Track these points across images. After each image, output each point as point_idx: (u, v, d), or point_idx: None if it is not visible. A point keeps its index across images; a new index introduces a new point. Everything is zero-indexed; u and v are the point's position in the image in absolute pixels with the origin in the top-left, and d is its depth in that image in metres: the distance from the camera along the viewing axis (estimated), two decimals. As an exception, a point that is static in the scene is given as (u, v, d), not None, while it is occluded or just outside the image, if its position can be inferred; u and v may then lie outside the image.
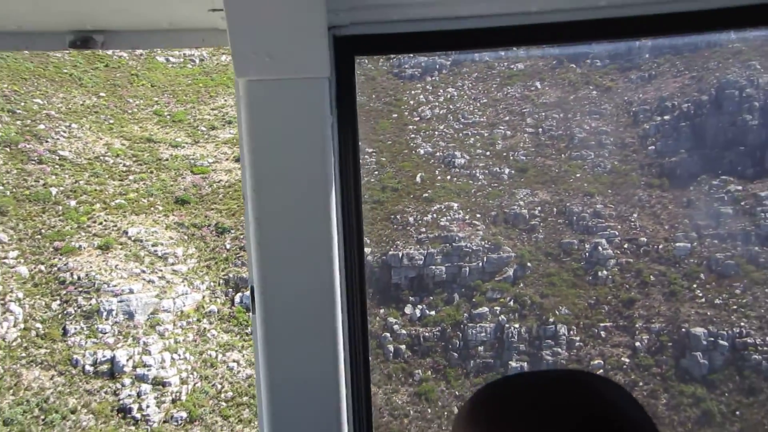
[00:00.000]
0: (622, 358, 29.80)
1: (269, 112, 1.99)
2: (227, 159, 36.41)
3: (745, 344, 28.36)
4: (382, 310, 32.56)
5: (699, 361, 28.43)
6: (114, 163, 34.54)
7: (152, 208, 32.98)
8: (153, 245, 30.82)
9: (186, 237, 32.38)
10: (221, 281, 31.17)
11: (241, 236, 31.89)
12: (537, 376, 1.01)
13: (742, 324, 29.11)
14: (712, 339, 28.79)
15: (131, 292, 28.19)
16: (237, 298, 30.38)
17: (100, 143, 35.36)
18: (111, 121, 37.17)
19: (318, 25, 1.95)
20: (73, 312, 27.07)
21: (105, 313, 27.18)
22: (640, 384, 28.78)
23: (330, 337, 2.03)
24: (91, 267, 28.83)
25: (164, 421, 25.23)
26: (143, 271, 29.45)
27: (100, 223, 31.05)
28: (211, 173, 35.34)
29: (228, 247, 31.79)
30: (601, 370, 29.35)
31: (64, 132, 34.88)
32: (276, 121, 1.99)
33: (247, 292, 2.75)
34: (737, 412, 26.58)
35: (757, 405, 26.60)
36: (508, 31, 2.09)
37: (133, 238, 30.82)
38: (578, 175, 38.27)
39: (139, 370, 25.97)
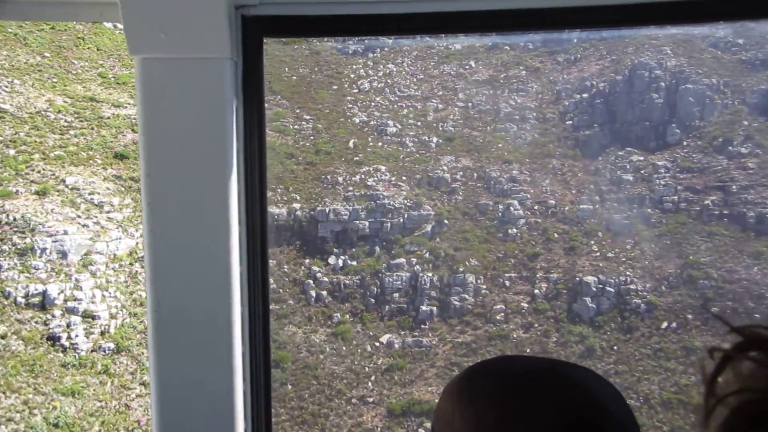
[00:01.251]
0: (522, 304, 33.19)
1: (166, 93, 1.92)
2: (166, 116, 38.90)
3: (628, 290, 31.99)
4: (307, 260, 35.44)
5: (588, 305, 31.95)
6: (55, 119, 36.73)
7: (91, 161, 35.34)
8: (90, 194, 33.18)
9: (123, 189, 34.85)
10: (155, 229, 33.70)
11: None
12: (529, 362, 1.05)
13: (628, 273, 32.77)
14: (601, 286, 32.36)
15: (65, 233, 30.49)
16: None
17: (42, 99, 37.52)
18: (54, 80, 39.34)
19: (220, 4, 1.90)
20: (7, 249, 29.37)
21: (39, 251, 29.43)
22: (536, 325, 32.20)
23: (226, 334, 1.95)
24: (27, 210, 31.10)
25: (92, 350, 27.69)
26: (78, 216, 31.83)
27: (38, 172, 33.26)
28: (149, 128, 37.78)
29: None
30: (502, 314, 32.72)
31: (6, 87, 36.99)
32: (173, 102, 1.93)
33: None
34: (615, 347, 30.16)
35: (632, 340, 30.20)
36: (422, 17, 2.03)
37: (70, 187, 33.09)
38: (500, 145, 41.73)
39: (70, 304, 28.34)
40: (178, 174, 1.93)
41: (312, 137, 41.54)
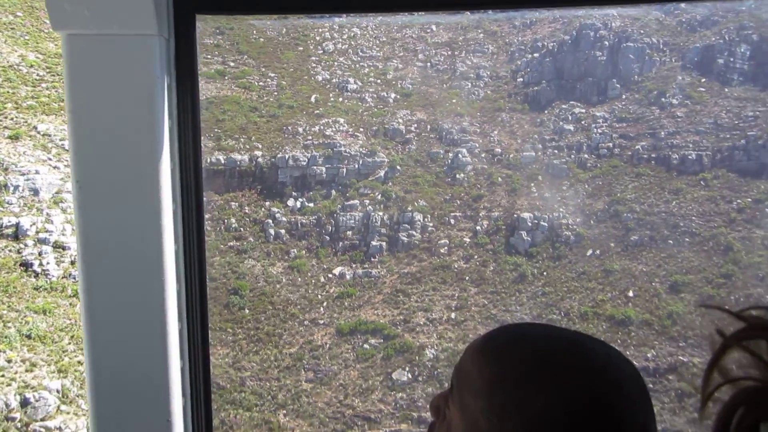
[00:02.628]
0: (464, 239, 36.53)
1: (93, 70, 1.88)
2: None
3: (560, 224, 35.38)
4: (267, 203, 38.56)
5: (524, 238, 35.32)
6: (27, 72, 39.52)
7: (62, 111, 38.24)
8: (61, 140, 36.09)
9: (95, 135, 37.80)
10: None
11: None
12: (552, 330, 1.06)
13: (561, 210, 36.17)
14: (536, 221, 35.75)
15: (37, 173, 33.45)
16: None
17: (15, 55, 40.28)
18: (26, 38, 42.07)
19: None
20: (-19, 186, 32.29)
21: (12, 188, 32.36)
22: (476, 257, 35.55)
23: (159, 313, 1.91)
24: (0, 152, 34.01)
25: (62, 277, 30.68)
26: (50, 159, 34.77)
27: (11, 119, 36.10)
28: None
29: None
30: (446, 248, 36.04)
31: (-20, 42, 39.78)
32: (101, 80, 1.89)
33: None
34: (544, 273, 33.57)
35: (560, 267, 33.62)
36: None
37: (42, 133, 35.97)
38: (454, 101, 44.96)
39: (42, 235, 31.32)
40: (108, 152, 1.88)
41: (276, 93, 44.54)
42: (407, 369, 30.70)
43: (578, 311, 30.37)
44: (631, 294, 30.34)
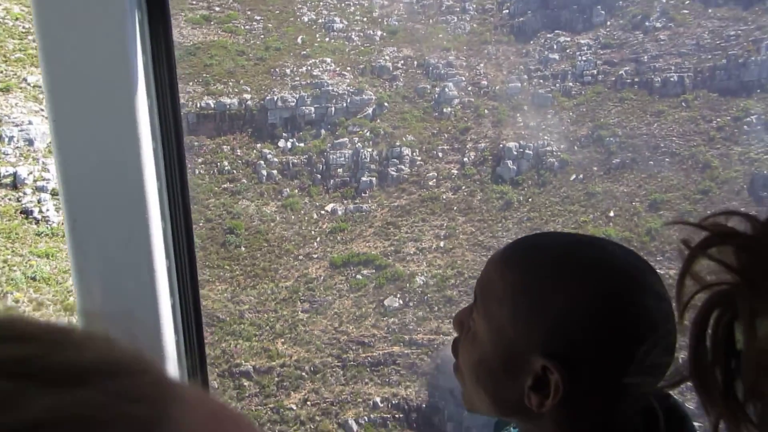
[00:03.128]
0: (452, 171, 37.49)
1: (59, 5, 1.82)
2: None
3: (545, 152, 36.23)
4: (258, 144, 39.45)
5: (510, 167, 36.25)
6: (13, 25, 39.93)
7: (54, 61, 38.79)
8: (53, 89, 36.76)
9: (85, 85, 38.48)
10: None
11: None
12: (570, 236, 1.07)
13: (546, 138, 36.95)
14: (522, 150, 36.60)
15: (30, 123, 34.34)
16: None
17: (0, 8, 40.66)
18: (12, -11, 42.33)
19: None
20: (-23, 138, 33.27)
21: (6, 139, 33.31)
22: (463, 188, 36.59)
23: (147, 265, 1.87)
24: (-6, 104, 34.85)
25: (62, 223, 31.94)
26: (41, 110, 35.60)
27: (1, 72, 36.80)
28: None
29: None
30: (434, 180, 37.03)
31: (-34, -6, 40.08)
32: (69, 17, 1.82)
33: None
34: (530, 199, 34.61)
35: (544, 193, 34.63)
36: None
37: (32, 84, 36.67)
38: (440, 35, 45.17)
39: (39, 183, 32.46)
40: (82, 90, 1.85)
41: (262, 36, 44.84)
42: (398, 296, 32.16)
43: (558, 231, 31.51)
44: (612, 214, 31.44)
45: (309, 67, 42.05)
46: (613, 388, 1.00)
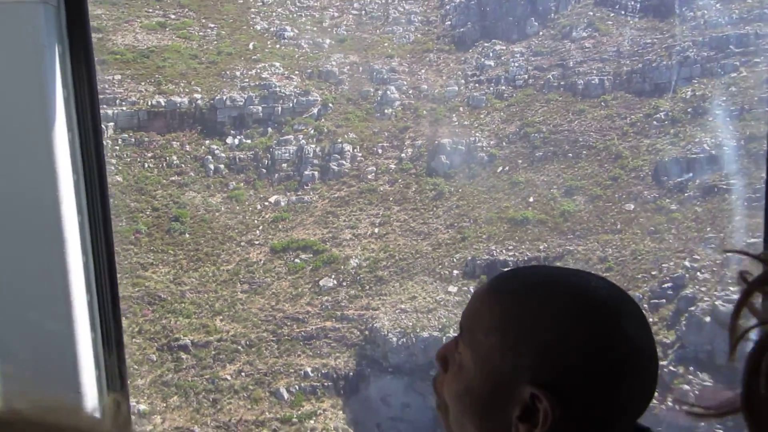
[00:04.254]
0: (390, 165, 40.23)
1: None
2: None
3: (476, 147, 39.22)
4: (207, 141, 41.81)
5: (443, 161, 39.11)
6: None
7: None
8: None
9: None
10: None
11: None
12: (554, 269, 1.13)
13: (477, 135, 39.98)
14: (455, 146, 39.54)
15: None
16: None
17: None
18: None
19: None
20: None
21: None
22: (399, 180, 39.28)
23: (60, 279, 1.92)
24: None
25: None
26: None
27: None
28: None
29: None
30: (373, 174, 39.68)
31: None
32: None
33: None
34: (459, 190, 37.42)
35: (473, 184, 37.49)
36: None
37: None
38: (386, 44, 48.37)
39: None
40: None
41: (215, 41, 47.56)
42: (333, 276, 34.49)
43: (483, 217, 34.34)
44: (531, 200, 34.37)
45: (258, 71, 44.74)
46: (601, 416, 1.03)
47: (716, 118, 32.88)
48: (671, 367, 22.74)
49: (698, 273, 25.36)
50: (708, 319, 22.46)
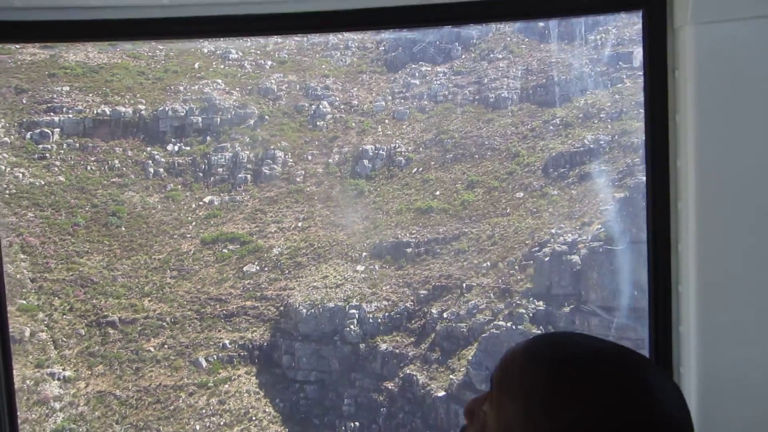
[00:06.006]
0: (318, 170, 44.61)
1: None
2: None
3: (396, 152, 43.89)
4: (149, 148, 45.96)
5: (366, 165, 43.64)
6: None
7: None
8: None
9: None
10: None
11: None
12: (593, 341, 1.08)
13: (398, 141, 44.74)
14: (377, 151, 44.17)
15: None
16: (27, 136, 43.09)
17: None
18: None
19: None
20: None
21: None
22: (325, 183, 43.62)
23: None
24: None
25: None
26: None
27: None
28: None
29: None
30: (301, 177, 44.00)
31: None
32: None
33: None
34: (378, 189, 41.82)
35: (390, 183, 41.95)
36: (141, 23, 2.25)
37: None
38: (323, 66, 53.51)
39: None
40: None
41: (163, 61, 52.31)
42: (256, 263, 38.33)
43: (394, 209, 38.72)
44: (438, 193, 38.90)
45: (201, 86, 49.39)
46: None
47: (599, 120, 38.06)
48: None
49: (559, 237, 29.90)
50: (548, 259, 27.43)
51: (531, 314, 25.96)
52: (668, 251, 2.19)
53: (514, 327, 25.34)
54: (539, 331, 24.43)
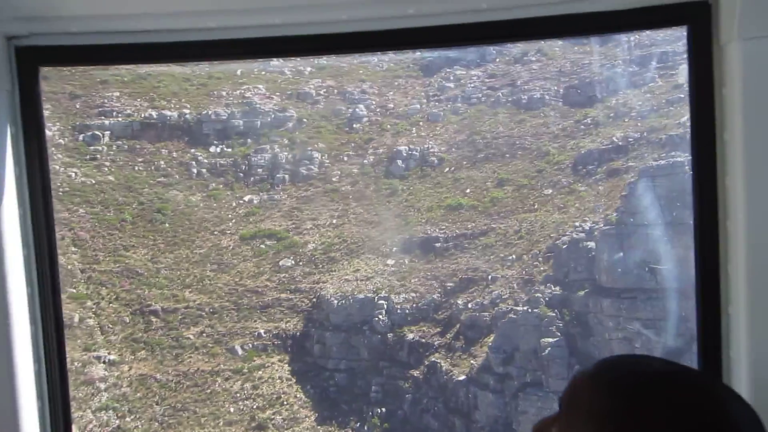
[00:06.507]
0: (353, 170, 46.26)
1: None
2: None
3: (429, 153, 45.19)
4: (192, 150, 48.42)
5: (399, 165, 45.08)
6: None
7: None
8: None
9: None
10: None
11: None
12: (665, 364, 1.05)
13: (431, 142, 46.06)
14: (410, 152, 45.57)
15: None
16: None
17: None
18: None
19: None
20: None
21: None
22: (360, 182, 45.19)
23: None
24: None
25: None
26: None
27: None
28: None
29: (73, 90, 47.61)
30: (337, 177, 45.68)
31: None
32: None
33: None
34: (411, 187, 43.14)
35: (423, 182, 43.26)
36: (191, 45, 2.32)
37: None
38: (360, 71, 55.36)
39: None
40: None
41: (207, 68, 54.94)
42: (291, 258, 40.05)
43: (425, 206, 40.01)
44: (468, 191, 40.02)
45: (242, 91, 51.73)
46: None
47: (629, 119, 38.67)
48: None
49: (578, 226, 30.71)
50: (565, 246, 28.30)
51: (547, 298, 26.85)
52: (717, 273, 2.17)
53: (530, 311, 26.28)
54: (554, 314, 25.37)
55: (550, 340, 25.00)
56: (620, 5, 2.17)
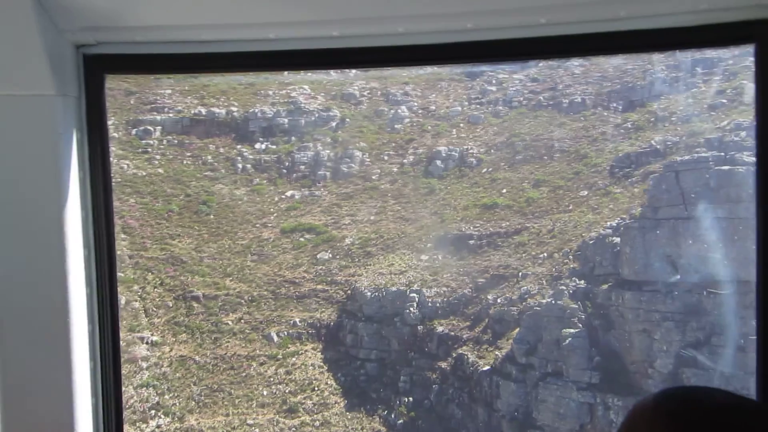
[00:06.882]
0: (393, 169, 47.39)
1: (2, 128, 2.06)
2: None
3: (468, 154, 46.01)
4: (238, 146, 50.36)
5: (438, 165, 46.02)
6: None
7: None
8: None
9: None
10: (126, 120, 49.13)
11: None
12: (725, 396, 1.03)
13: (470, 144, 46.86)
14: (449, 153, 46.48)
15: None
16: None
17: None
18: None
19: (61, 43, 2.08)
20: None
21: None
22: (399, 181, 46.25)
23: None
24: None
25: None
26: None
27: None
28: None
29: (128, 86, 50.03)
30: (377, 175, 46.88)
31: None
32: (7, 137, 2.07)
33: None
34: (448, 187, 44.05)
35: (461, 182, 44.08)
36: (251, 56, 2.38)
37: None
38: (404, 74, 56.55)
39: None
40: (13, 207, 2.05)
41: (256, 68, 57.08)
42: (329, 251, 41.35)
43: (461, 204, 40.81)
44: (504, 191, 40.68)
45: (288, 91, 53.52)
46: None
47: (670, 123, 38.79)
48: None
49: (611, 227, 31.12)
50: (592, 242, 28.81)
51: (571, 291, 27.36)
52: None
53: (553, 302, 26.82)
54: (576, 306, 25.83)
55: (572, 330, 25.57)
56: (685, 22, 2.14)
